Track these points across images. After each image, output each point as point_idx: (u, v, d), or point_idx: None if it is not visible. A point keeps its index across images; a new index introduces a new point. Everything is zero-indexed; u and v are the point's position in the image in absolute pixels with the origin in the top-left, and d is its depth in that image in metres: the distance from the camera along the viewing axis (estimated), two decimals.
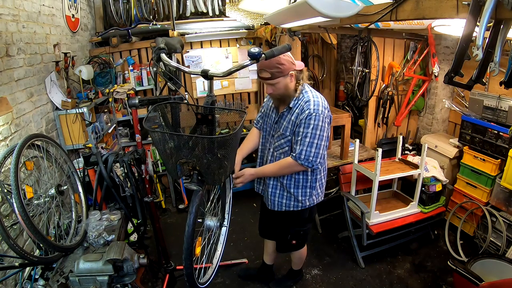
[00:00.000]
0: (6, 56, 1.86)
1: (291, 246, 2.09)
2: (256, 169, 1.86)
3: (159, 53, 1.38)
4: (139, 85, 3.40)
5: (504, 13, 0.98)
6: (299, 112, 1.71)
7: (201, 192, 1.31)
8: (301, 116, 1.69)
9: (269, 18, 2.33)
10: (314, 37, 3.85)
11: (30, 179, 1.74)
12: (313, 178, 1.86)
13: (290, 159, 1.74)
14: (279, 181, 1.88)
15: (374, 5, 1.60)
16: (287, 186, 1.87)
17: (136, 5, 3.54)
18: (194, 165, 1.24)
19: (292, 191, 1.87)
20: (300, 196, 1.88)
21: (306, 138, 1.68)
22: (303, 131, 1.68)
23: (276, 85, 1.67)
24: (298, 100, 1.74)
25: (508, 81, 1.21)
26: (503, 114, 2.48)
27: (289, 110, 1.76)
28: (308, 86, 1.80)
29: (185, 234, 1.29)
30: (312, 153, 1.69)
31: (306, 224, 2.05)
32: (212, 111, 1.28)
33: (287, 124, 1.77)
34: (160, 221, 2.24)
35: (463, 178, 2.79)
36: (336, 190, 3.47)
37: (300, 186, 1.86)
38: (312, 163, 1.72)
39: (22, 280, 1.56)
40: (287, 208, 1.92)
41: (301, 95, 1.74)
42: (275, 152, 1.87)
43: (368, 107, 3.47)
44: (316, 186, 1.90)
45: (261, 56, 1.25)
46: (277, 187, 1.90)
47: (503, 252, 2.36)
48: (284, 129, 1.78)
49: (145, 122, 1.21)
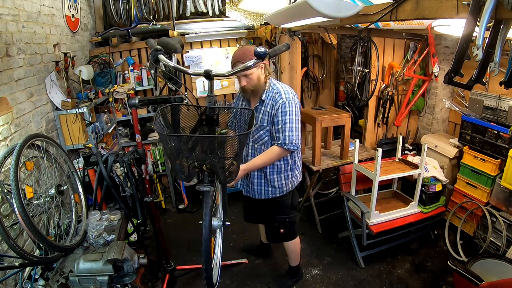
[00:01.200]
0: (6, 56, 1.86)
1: (280, 235, 2.19)
2: (247, 164, 1.91)
3: (156, 55, 1.37)
4: (139, 85, 3.40)
5: (504, 13, 0.99)
6: (273, 103, 1.86)
7: (212, 192, 1.31)
8: (276, 107, 1.84)
9: (269, 18, 2.33)
10: (314, 37, 3.85)
11: (30, 179, 1.75)
12: (292, 161, 2.02)
13: (276, 148, 1.88)
14: (262, 171, 2.01)
15: (374, 5, 1.60)
16: (269, 174, 2.00)
17: (136, 5, 3.54)
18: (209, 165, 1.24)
19: (275, 177, 2.01)
20: (283, 180, 2.02)
21: (287, 125, 1.83)
22: (282, 119, 1.83)
23: (250, 76, 1.81)
24: (269, 92, 1.89)
25: (508, 81, 1.22)
26: (503, 114, 2.48)
27: (262, 102, 1.90)
28: (274, 79, 1.97)
29: (203, 237, 1.27)
30: (294, 136, 1.85)
31: (291, 212, 2.16)
32: (217, 111, 1.28)
33: (263, 116, 1.90)
34: (160, 221, 2.24)
35: (463, 178, 2.79)
36: (336, 190, 3.47)
37: (282, 171, 2.00)
38: (297, 145, 1.87)
39: (22, 280, 1.56)
40: (273, 195, 2.05)
41: (270, 88, 1.89)
42: (255, 145, 1.99)
43: (368, 107, 3.47)
44: (295, 168, 2.06)
45: (266, 55, 1.32)
46: (261, 177, 2.03)
47: (503, 252, 2.36)
48: (261, 121, 1.91)
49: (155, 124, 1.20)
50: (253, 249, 2.78)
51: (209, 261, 1.30)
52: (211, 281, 1.36)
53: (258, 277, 2.51)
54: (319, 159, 2.86)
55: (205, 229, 1.27)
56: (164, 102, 1.72)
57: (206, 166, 1.25)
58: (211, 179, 1.27)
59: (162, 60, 1.35)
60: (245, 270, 2.60)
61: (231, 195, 3.00)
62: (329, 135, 3.22)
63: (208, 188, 1.27)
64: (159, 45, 1.43)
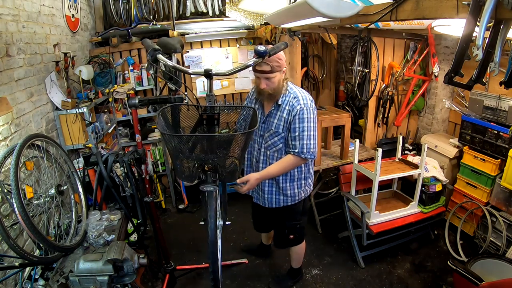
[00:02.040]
0: (6, 56, 1.86)
1: (289, 241, 2.14)
2: (260, 173, 1.82)
3: (154, 54, 1.36)
4: (139, 85, 3.40)
5: (504, 13, 0.98)
6: (290, 108, 1.77)
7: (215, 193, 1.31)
8: (294, 112, 1.75)
9: (269, 18, 2.33)
10: (314, 37, 3.85)
11: (30, 179, 1.75)
12: (306, 169, 1.94)
13: (292, 156, 1.78)
14: (274, 179, 1.92)
15: (374, 5, 1.60)
16: (282, 182, 1.92)
17: (136, 5, 3.54)
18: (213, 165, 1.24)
19: (288, 185, 1.92)
20: (296, 188, 1.94)
21: (304, 132, 1.75)
22: (300, 126, 1.75)
23: (272, 79, 1.72)
24: (285, 96, 1.79)
25: (508, 81, 1.21)
26: (503, 114, 2.48)
27: (278, 107, 1.80)
28: (291, 82, 1.87)
29: (209, 239, 1.27)
30: (312, 145, 1.77)
31: (302, 218, 2.10)
32: (218, 110, 1.28)
33: (278, 121, 1.81)
34: (160, 221, 2.24)
35: (463, 178, 2.79)
36: (336, 190, 3.47)
37: (295, 179, 1.92)
38: (314, 154, 1.79)
39: (22, 280, 1.56)
40: (284, 204, 1.97)
41: (287, 92, 1.80)
42: (268, 151, 1.89)
43: (368, 107, 3.47)
44: (308, 176, 1.98)
45: (267, 54, 1.32)
46: (273, 185, 1.95)
47: (503, 252, 2.36)
48: (276, 127, 1.82)
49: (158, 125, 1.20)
50: (253, 249, 2.77)
51: (216, 263, 1.29)
52: (218, 282, 1.34)
53: (258, 277, 2.51)
54: (319, 159, 2.86)
55: (211, 231, 1.26)
56: (164, 102, 1.72)
57: (208, 166, 1.24)
58: (214, 178, 1.27)
59: (161, 60, 1.35)
60: (245, 270, 2.60)
61: (231, 195, 3.01)
62: (329, 135, 3.22)
63: (212, 188, 1.26)
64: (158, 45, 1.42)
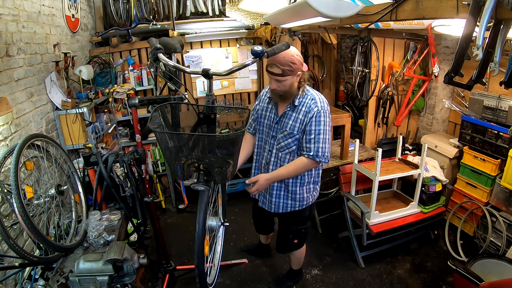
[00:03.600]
0: (6, 56, 1.85)
1: (292, 246, 2.11)
2: (271, 174, 1.80)
3: (156, 53, 1.36)
4: (139, 85, 3.40)
5: (504, 13, 0.99)
6: (306, 110, 1.73)
7: (208, 191, 1.31)
8: (310, 114, 1.71)
9: (269, 18, 2.33)
10: (314, 37, 3.85)
11: (30, 179, 1.74)
12: (315, 174, 1.90)
13: (306, 159, 1.75)
14: (283, 182, 1.88)
15: (374, 5, 1.60)
16: (292, 185, 1.87)
17: (136, 5, 3.54)
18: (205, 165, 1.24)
19: (297, 189, 1.88)
20: (305, 193, 1.90)
21: (320, 135, 1.72)
22: (316, 129, 1.71)
23: (283, 82, 1.69)
24: (302, 98, 1.76)
25: (508, 81, 1.21)
26: (503, 114, 2.48)
27: (294, 108, 1.77)
28: (309, 86, 1.83)
29: (196, 232, 1.28)
30: (326, 149, 1.75)
31: (307, 222, 2.07)
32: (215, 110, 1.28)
33: (293, 123, 1.76)
34: (160, 221, 2.24)
35: (463, 178, 2.79)
36: (336, 190, 3.47)
37: (305, 184, 1.88)
38: (328, 158, 1.77)
39: (22, 280, 1.56)
40: (292, 209, 1.93)
41: (304, 93, 1.77)
42: (280, 153, 1.84)
43: (368, 107, 3.47)
44: (317, 181, 1.94)
45: (264, 54, 1.29)
46: (281, 189, 1.90)
47: (503, 252, 2.36)
48: (291, 128, 1.77)
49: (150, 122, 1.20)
50: (253, 249, 2.77)
51: (202, 257, 1.29)
52: (204, 278, 1.34)
53: (258, 277, 2.51)
54: None
55: (198, 224, 1.28)
56: (164, 102, 1.72)
57: (202, 166, 1.24)
58: (206, 178, 1.27)
59: (162, 59, 1.35)
60: (245, 270, 2.60)
61: (231, 195, 3.01)
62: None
63: (203, 188, 1.26)
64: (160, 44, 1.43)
